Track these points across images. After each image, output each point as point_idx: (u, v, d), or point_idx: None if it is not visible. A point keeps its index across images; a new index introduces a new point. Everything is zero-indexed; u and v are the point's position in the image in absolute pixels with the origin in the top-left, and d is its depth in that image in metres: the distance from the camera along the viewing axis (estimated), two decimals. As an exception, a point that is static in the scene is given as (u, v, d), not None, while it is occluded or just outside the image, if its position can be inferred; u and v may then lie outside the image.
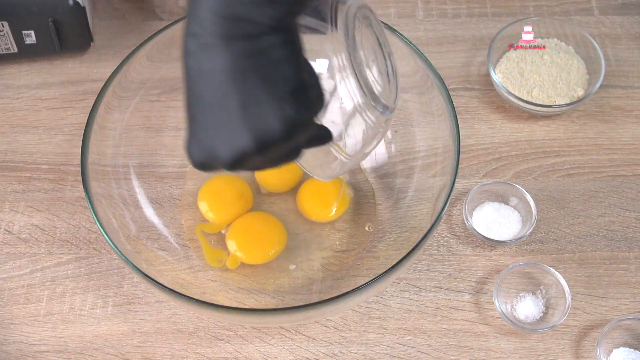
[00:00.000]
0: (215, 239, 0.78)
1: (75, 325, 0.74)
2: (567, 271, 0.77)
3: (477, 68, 0.91)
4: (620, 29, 0.94)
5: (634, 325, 0.73)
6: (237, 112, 0.49)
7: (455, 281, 0.76)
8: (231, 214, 0.78)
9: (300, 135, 0.51)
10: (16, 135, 0.86)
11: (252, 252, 0.76)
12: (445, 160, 0.71)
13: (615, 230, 0.79)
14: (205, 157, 0.51)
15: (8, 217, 0.81)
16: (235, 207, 0.78)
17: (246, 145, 0.49)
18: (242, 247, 0.76)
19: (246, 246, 0.76)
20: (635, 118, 0.87)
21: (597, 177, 0.83)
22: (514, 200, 0.80)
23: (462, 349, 0.73)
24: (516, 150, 0.85)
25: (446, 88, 0.71)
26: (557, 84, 0.86)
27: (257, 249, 0.76)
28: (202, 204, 0.78)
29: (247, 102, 0.48)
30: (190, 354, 0.73)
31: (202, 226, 0.78)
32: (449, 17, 0.95)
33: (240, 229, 0.77)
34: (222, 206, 0.78)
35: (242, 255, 0.75)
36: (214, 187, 0.79)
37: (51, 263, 0.78)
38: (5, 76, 0.91)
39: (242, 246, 0.76)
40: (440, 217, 0.66)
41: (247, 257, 0.76)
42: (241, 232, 0.77)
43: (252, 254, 0.76)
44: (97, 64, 0.91)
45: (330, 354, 0.73)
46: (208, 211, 0.78)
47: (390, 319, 0.74)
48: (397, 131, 0.81)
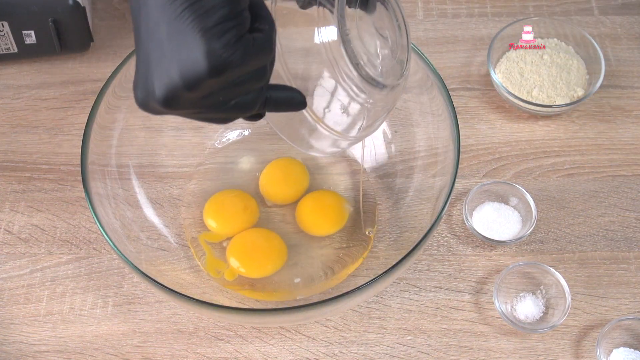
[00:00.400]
0: (216, 250, 0.77)
1: (75, 325, 0.74)
2: (567, 271, 0.77)
3: (477, 68, 0.91)
4: (620, 29, 0.94)
5: (634, 325, 0.73)
6: (166, 43, 0.47)
7: (455, 281, 0.76)
8: (236, 226, 0.78)
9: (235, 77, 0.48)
10: (16, 135, 0.86)
11: (252, 266, 0.76)
12: (445, 160, 0.71)
13: (615, 230, 0.79)
14: (143, 96, 0.49)
15: (8, 217, 0.81)
16: (241, 220, 0.78)
17: (174, 82, 0.47)
18: (242, 261, 0.75)
19: (246, 260, 0.76)
20: (635, 118, 0.87)
21: (597, 177, 0.83)
22: (514, 200, 0.80)
23: (462, 349, 0.73)
24: (516, 150, 0.85)
25: (446, 88, 0.71)
26: (557, 84, 0.86)
27: (256, 263, 0.76)
28: (209, 219, 0.78)
29: (173, 32, 0.46)
30: (190, 354, 0.73)
31: (205, 236, 0.78)
32: (449, 17, 0.95)
33: (241, 243, 0.77)
34: (227, 218, 0.78)
35: (242, 269, 0.75)
36: (220, 200, 0.79)
37: (51, 263, 0.78)
38: (5, 76, 0.91)
39: (242, 260, 0.75)
40: (440, 217, 0.66)
41: (247, 271, 0.75)
42: (241, 246, 0.76)
43: (251, 268, 0.75)
44: (97, 64, 0.91)
45: (330, 354, 0.73)
46: (214, 224, 0.78)
47: (390, 319, 0.74)
48: (397, 131, 0.81)
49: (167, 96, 0.48)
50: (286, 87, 0.55)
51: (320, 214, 0.78)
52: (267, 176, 0.81)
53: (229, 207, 0.78)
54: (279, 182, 0.80)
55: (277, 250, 0.76)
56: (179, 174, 0.81)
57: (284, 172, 0.81)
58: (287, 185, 0.80)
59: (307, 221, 0.78)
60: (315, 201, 0.79)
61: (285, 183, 0.80)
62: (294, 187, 0.80)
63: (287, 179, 0.81)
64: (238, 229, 0.77)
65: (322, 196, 0.80)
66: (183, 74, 0.47)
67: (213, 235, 0.78)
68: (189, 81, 0.47)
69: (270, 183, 0.80)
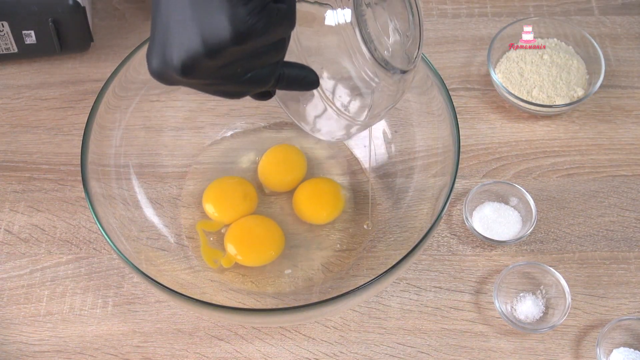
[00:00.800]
0: (214, 239, 0.77)
1: (75, 325, 0.74)
2: (567, 271, 0.77)
3: (477, 68, 0.91)
4: (620, 29, 0.94)
5: (634, 325, 0.73)
6: (188, 11, 0.46)
7: (455, 281, 0.76)
8: (235, 213, 0.78)
9: (257, 46, 0.48)
10: (16, 135, 0.86)
11: (249, 254, 0.76)
12: (445, 160, 0.71)
13: (615, 230, 0.79)
14: (159, 64, 0.49)
15: (8, 217, 0.81)
16: (240, 206, 0.78)
17: (195, 48, 0.47)
18: (239, 248, 0.75)
19: (244, 248, 0.76)
20: (635, 118, 0.87)
21: (597, 177, 0.83)
22: (514, 200, 0.80)
23: (462, 349, 0.73)
24: (516, 150, 0.85)
25: (446, 88, 0.71)
26: (557, 84, 0.86)
27: (254, 251, 0.76)
28: (207, 204, 0.78)
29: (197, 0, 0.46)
30: (190, 354, 0.73)
31: (202, 224, 0.78)
32: (449, 17, 0.95)
33: (239, 231, 0.77)
34: (226, 205, 0.78)
35: (240, 257, 0.75)
36: (219, 187, 0.79)
37: (51, 263, 0.78)
38: (5, 76, 0.91)
39: (239, 248, 0.76)
40: (440, 217, 0.66)
41: (244, 259, 0.75)
42: (239, 234, 0.77)
43: (249, 256, 0.76)
44: (97, 64, 0.91)
45: (330, 354, 0.73)
46: (213, 210, 0.78)
47: (390, 319, 0.74)
48: (397, 131, 0.81)
49: (186, 63, 0.47)
50: (300, 66, 0.54)
51: (317, 201, 0.78)
52: (266, 162, 0.81)
53: (229, 194, 0.79)
54: (278, 168, 0.80)
55: (276, 238, 0.76)
56: (179, 174, 0.81)
57: (283, 158, 0.81)
58: (285, 171, 0.80)
59: (304, 209, 0.78)
60: (312, 189, 0.79)
61: (284, 169, 0.80)
62: (292, 174, 0.80)
63: (285, 164, 0.80)
64: (237, 216, 0.78)
65: (318, 183, 0.80)
66: (205, 39, 0.46)
67: (211, 224, 0.78)
68: (211, 47, 0.46)
69: (269, 169, 0.80)
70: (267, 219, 0.78)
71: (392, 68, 0.56)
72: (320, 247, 0.77)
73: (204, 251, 0.76)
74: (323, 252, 0.77)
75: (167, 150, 0.81)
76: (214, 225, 0.78)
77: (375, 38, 0.55)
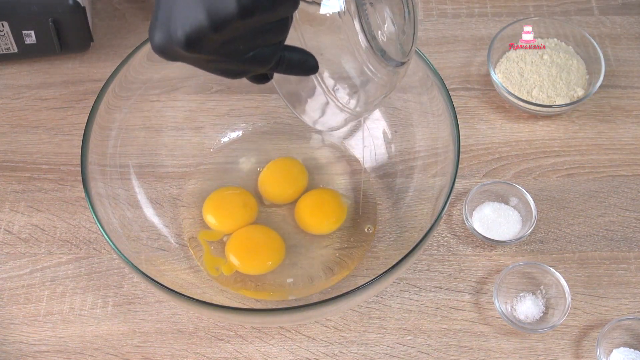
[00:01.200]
0: (215, 247, 0.77)
1: (75, 325, 0.74)
2: (567, 271, 0.77)
3: (477, 68, 0.91)
4: (620, 29, 0.94)
5: (634, 325, 0.73)
6: None
7: (455, 281, 0.76)
8: (235, 223, 0.78)
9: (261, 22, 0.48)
10: (16, 135, 0.86)
11: (250, 263, 0.76)
12: (445, 160, 0.71)
13: (615, 230, 0.79)
14: (162, 38, 0.49)
15: (8, 217, 0.81)
16: (240, 216, 0.78)
17: (200, 22, 0.47)
18: (240, 257, 0.75)
19: (244, 256, 0.76)
20: (635, 118, 0.87)
21: (597, 177, 0.83)
22: (514, 200, 0.80)
23: (462, 349, 0.73)
24: (516, 150, 0.85)
25: (446, 88, 0.71)
26: (557, 84, 0.86)
27: (254, 260, 0.76)
28: (208, 215, 0.78)
29: None
30: (190, 354, 0.73)
31: (204, 234, 0.78)
32: (449, 17, 0.95)
33: (240, 240, 0.77)
34: (226, 215, 0.78)
35: (240, 265, 0.75)
36: (220, 197, 0.79)
37: (51, 263, 0.78)
38: (5, 76, 0.91)
39: (240, 256, 0.75)
40: (440, 217, 0.66)
41: (244, 267, 0.75)
42: (240, 243, 0.76)
43: (249, 264, 0.76)
44: (97, 64, 0.91)
45: (330, 354, 0.73)
46: (213, 220, 0.78)
47: (390, 319, 0.74)
48: (397, 131, 0.81)
49: (190, 36, 0.47)
50: (301, 50, 0.55)
51: (319, 212, 0.78)
52: (266, 176, 0.81)
53: (229, 204, 0.79)
54: (278, 182, 0.80)
55: (276, 247, 0.76)
56: (178, 174, 0.81)
57: (283, 172, 0.81)
58: (286, 184, 0.80)
59: (306, 220, 0.78)
60: (314, 200, 0.79)
61: (285, 182, 0.80)
62: (293, 187, 0.80)
63: (286, 178, 0.81)
64: (237, 226, 0.78)
65: (320, 194, 0.80)
66: (211, 13, 0.46)
67: (212, 233, 0.78)
68: (216, 21, 0.46)
69: (269, 182, 0.80)
70: (268, 228, 0.78)
71: (388, 59, 0.57)
72: (320, 247, 0.77)
73: (206, 259, 0.76)
74: (324, 251, 0.77)
75: (167, 150, 0.81)
76: (214, 234, 0.78)
77: (374, 28, 0.56)
